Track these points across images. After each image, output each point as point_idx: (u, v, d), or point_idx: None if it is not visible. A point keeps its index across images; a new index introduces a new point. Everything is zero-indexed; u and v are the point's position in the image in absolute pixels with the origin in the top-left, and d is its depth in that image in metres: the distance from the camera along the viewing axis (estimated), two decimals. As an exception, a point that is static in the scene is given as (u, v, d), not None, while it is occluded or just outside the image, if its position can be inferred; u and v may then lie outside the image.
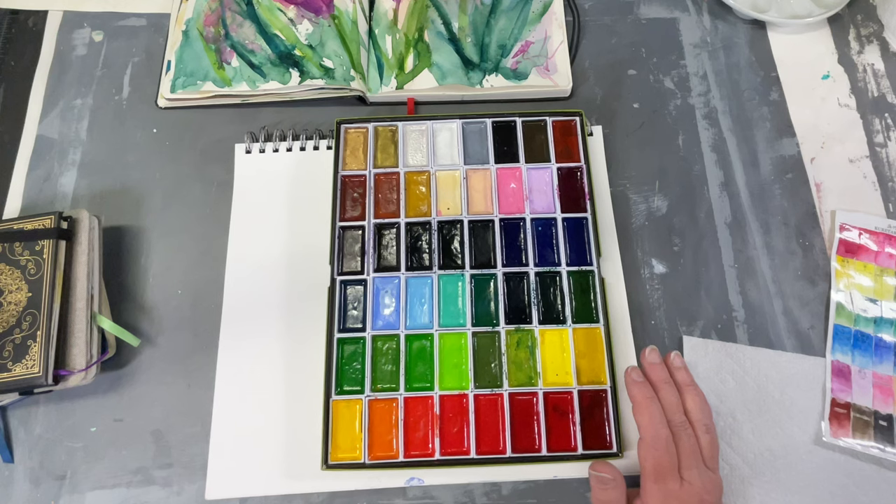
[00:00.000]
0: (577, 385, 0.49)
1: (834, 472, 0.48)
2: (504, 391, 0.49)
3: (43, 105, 0.61)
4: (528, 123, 0.58)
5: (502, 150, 0.57)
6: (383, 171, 0.56)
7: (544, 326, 0.51)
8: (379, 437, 0.48)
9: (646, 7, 0.66)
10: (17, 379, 0.46)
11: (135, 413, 0.50)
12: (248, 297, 0.53)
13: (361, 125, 0.57)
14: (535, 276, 0.52)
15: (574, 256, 0.53)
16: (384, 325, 0.51)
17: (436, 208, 0.54)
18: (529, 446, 0.48)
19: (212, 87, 0.59)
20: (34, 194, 0.57)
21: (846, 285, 0.54)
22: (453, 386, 0.49)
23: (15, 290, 0.48)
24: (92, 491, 0.48)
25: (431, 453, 0.48)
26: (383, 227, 0.54)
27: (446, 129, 0.58)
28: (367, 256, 0.53)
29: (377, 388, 0.49)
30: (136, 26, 0.64)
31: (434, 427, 0.48)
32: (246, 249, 0.55)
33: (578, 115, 0.58)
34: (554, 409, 0.49)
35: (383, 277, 0.52)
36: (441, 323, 0.51)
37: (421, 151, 0.57)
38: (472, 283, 0.52)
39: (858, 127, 0.61)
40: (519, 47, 0.62)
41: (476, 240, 0.53)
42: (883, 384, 0.51)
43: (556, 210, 0.55)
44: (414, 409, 0.49)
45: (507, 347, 0.50)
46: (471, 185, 0.55)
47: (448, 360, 0.50)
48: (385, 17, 0.63)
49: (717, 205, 0.58)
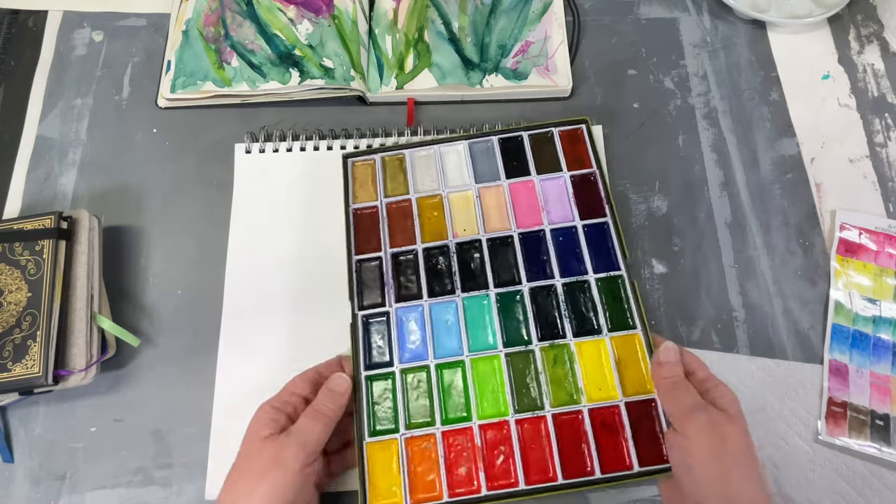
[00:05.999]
0: (623, 397, 0.47)
1: (835, 480, 0.48)
2: (547, 412, 0.46)
3: (43, 105, 0.61)
4: (534, 136, 0.56)
5: (512, 166, 0.55)
6: (395, 199, 0.54)
7: (580, 339, 0.49)
8: (419, 477, 0.45)
9: (646, 7, 0.66)
10: (17, 379, 0.46)
11: (135, 413, 0.50)
12: (248, 297, 0.53)
13: (368, 157, 0.56)
14: (563, 287, 0.50)
15: (600, 263, 0.51)
16: (412, 356, 0.49)
17: (451, 230, 0.53)
18: (581, 470, 0.45)
19: (212, 87, 0.59)
20: (34, 194, 0.57)
21: (845, 284, 0.54)
22: (492, 413, 0.47)
23: (15, 290, 0.48)
24: (92, 491, 0.48)
25: (478, 489, 0.45)
26: (400, 255, 0.52)
27: (453, 151, 0.56)
28: (387, 287, 0.51)
29: (412, 425, 0.47)
30: (136, 26, 0.64)
31: (477, 460, 0.45)
32: (246, 249, 0.55)
33: (584, 123, 0.56)
34: (602, 425, 0.46)
35: (405, 307, 0.50)
36: (471, 347, 0.49)
37: (430, 176, 0.55)
38: (498, 303, 0.50)
39: (858, 127, 0.61)
40: (519, 47, 0.62)
41: (497, 257, 0.52)
42: (880, 384, 0.51)
43: (574, 218, 0.53)
44: (454, 443, 0.46)
45: (544, 365, 0.48)
46: (485, 203, 0.54)
47: (484, 386, 0.48)
48: (385, 17, 0.63)
49: (717, 205, 0.58)
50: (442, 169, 0.55)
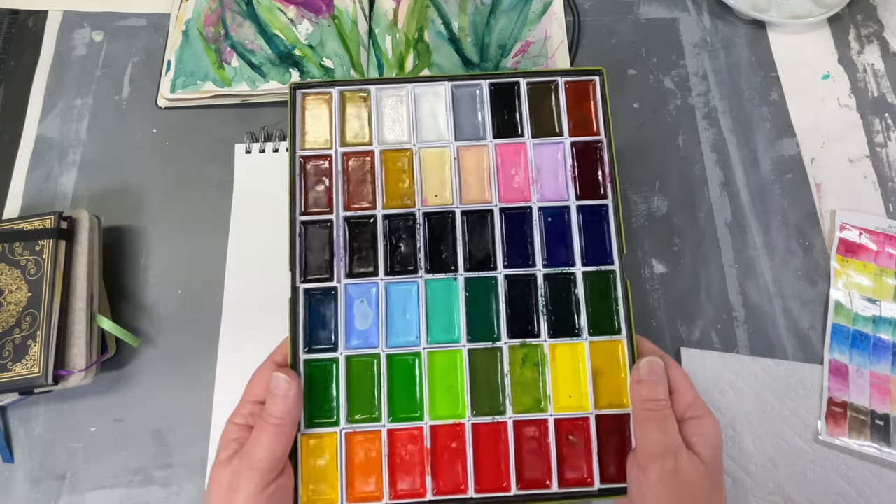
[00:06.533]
0: (595, 409, 0.42)
1: (835, 480, 0.48)
2: (507, 418, 0.42)
3: (43, 105, 0.61)
4: (534, 86, 0.47)
5: (502, 122, 0.47)
6: (353, 149, 0.46)
7: (555, 340, 0.43)
8: (359, 476, 0.41)
9: (646, 7, 0.66)
10: (17, 379, 0.46)
11: (135, 413, 0.50)
12: (247, 297, 0.53)
13: (323, 90, 0.47)
14: (544, 278, 0.44)
15: (591, 253, 0.45)
16: (360, 343, 0.43)
17: (421, 196, 0.45)
18: (539, 482, 0.41)
19: (212, 87, 0.59)
20: (34, 194, 0.57)
21: (845, 284, 0.54)
22: (447, 414, 0.42)
23: (15, 290, 0.48)
24: (92, 491, 0.48)
25: (423, 493, 0.41)
26: (355, 220, 0.45)
27: (432, 93, 0.47)
28: (336, 259, 0.44)
29: (355, 419, 0.42)
30: (136, 26, 0.64)
31: (426, 463, 0.42)
32: (246, 249, 0.55)
33: (598, 75, 0.47)
34: (567, 438, 0.42)
35: (357, 284, 0.44)
36: (430, 339, 0.43)
37: (400, 123, 0.47)
38: (467, 290, 0.44)
39: (858, 127, 0.61)
40: (519, 47, 0.62)
41: (472, 235, 0.45)
42: (880, 384, 0.51)
43: (569, 196, 0.46)
44: (400, 443, 0.42)
45: (511, 366, 0.43)
46: (464, 166, 0.46)
47: (440, 384, 0.43)
48: (385, 17, 0.63)
49: (717, 205, 0.58)
50: (416, 115, 0.47)
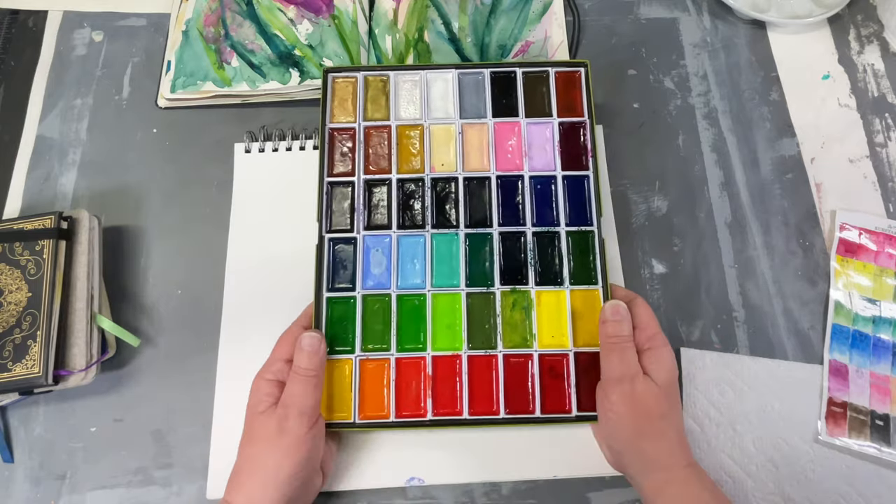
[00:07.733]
0: (574, 347, 0.49)
1: (835, 480, 0.48)
2: (498, 352, 0.49)
3: (43, 105, 0.61)
4: (529, 75, 0.55)
5: (501, 104, 0.54)
6: (373, 123, 0.54)
7: (541, 288, 0.50)
8: (370, 397, 0.47)
9: (646, 7, 0.66)
10: (17, 379, 0.46)
11: (135, 413, 0.50)
12: (248, 297, 0.53)
13: (350, 74, 0.55)
14: (533, 235, 0.51)
15: (574, 216, 0.52)
16: (375, 284, 0.50)
17: (429, 164, 0.53)
18: (523, 408, 0.47)
19: (212, 87, 0.59)
20: (34, 194, 0.57)
21: (845, 285, 0.54)
22: (446, 347, 0.49)
23: (15, 290, 0.48)
24: (92, 491, 0.48)
25: (423, 413, 0.47)
26: (374, 183, 0.52)
27: (441, 79, 0.55)
28: (356, 213, 0.51)
29: (368, 349, 0.48)
30: (136, 26, 0.64)
31: (427, 388, 0.48)
32: (246, 249, 0.55)
33: (583, 66, 0.55)
34: (549, 370, 0.48)
35: (374, 236, 0.51)
36: (434, 283, 0.50)
37: (414, 104, 0.54)
38: (467, 243, 0.51)
39: (858, 127, 0.61)
40: (519, 47, 0.62)
41: (471, 198, 0.52)
42: (880, 384, 0.51)
43: (556, 168, 0.53)
44: (406, 370, 0.48)
45: (503, 308, 0.50)
46: (467, 140, 0.53)
47: (441, 321, 0.49)
48: (385, 17, 0.63)
49: (717, 205, 0.58)
50: (427, 97, 0.55)
